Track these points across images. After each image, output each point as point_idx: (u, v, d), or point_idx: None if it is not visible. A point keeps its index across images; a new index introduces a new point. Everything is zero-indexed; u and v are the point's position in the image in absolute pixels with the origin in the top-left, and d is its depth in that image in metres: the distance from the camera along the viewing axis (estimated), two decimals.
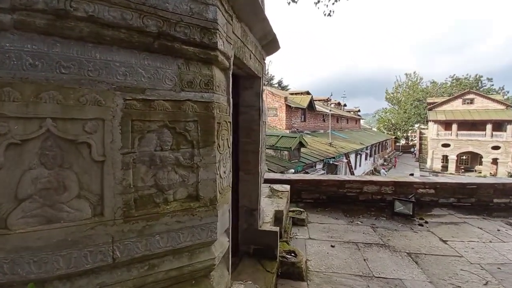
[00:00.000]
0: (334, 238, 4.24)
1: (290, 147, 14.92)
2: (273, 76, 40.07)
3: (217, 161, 1.63)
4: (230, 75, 1.90)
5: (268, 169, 12.47)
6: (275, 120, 23.16)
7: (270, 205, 4.02)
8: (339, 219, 5.12)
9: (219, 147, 1.67)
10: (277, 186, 5.07)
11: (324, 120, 31.11)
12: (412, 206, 5.08)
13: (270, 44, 2.87)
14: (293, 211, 5.02)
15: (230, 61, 1.86)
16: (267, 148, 15.72)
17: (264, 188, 4.98)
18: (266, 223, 3.32)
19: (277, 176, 6.25)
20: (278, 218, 3.76)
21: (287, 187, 5.08)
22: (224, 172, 1.78)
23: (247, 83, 2.99)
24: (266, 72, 2.98)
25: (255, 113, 3.00)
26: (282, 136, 16.18)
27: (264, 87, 3.16)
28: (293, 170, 13.39)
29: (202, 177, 1.57)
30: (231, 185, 1.96)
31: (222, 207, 1.72)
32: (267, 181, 5.80)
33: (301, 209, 5.13)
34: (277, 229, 3.16)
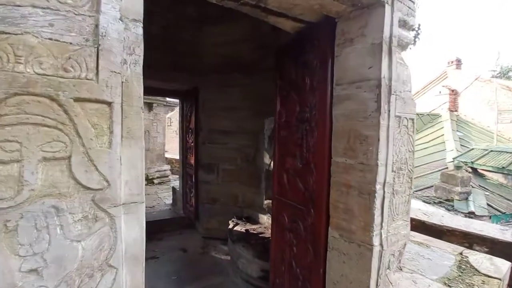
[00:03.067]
0: None
1: None
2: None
3: None
4: None
5: (487, 204, 7.73)
6: None
7: None
8: None
9: None
10: (478, 258, 2.43)
11: None
12: None
13: None
14: None
15: None
16: (491, 171, 10.04)
17: (446, 259, 2.54)
18: None
19: (494, 233, 3.18)
20: None
21: (505, 266, 2.30)
22: None
23: (351, 26, 1.30)
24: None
25: (369, 95, 1.23)
26: None
27: (404, 35, 1.28)
28: None
29: None
30: None
31: None
32: (460, 236, 3.08)
33: None
34: None
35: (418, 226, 3.25)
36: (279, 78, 1.93)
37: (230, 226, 3.64)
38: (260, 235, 3.42)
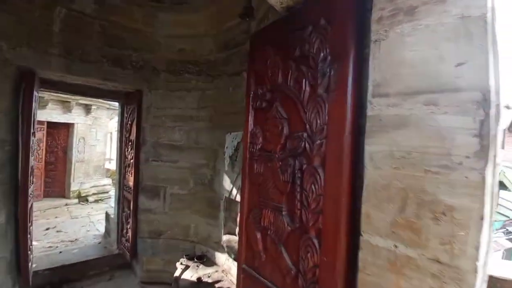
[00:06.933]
0: None
1: None
2: None
3: None
4: None
5: None
6: None
7: None
8: None
9: None
10: None
11: None
12: None
13: None
14: None
15: None
16: None
17: None
18: None
19: None
20: None
21: None
22: None
23: None
24: None
25: (459, 121, 0.59)
26: None
27: None
28: None
29: None
30: None
31: None
32: None
33: None
34: None
35: None
36: (253, 80, 1.24)
37: (177, 273, 2.76)
38: (217, 285, 2.63)
